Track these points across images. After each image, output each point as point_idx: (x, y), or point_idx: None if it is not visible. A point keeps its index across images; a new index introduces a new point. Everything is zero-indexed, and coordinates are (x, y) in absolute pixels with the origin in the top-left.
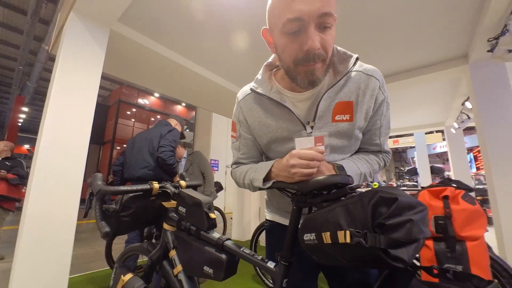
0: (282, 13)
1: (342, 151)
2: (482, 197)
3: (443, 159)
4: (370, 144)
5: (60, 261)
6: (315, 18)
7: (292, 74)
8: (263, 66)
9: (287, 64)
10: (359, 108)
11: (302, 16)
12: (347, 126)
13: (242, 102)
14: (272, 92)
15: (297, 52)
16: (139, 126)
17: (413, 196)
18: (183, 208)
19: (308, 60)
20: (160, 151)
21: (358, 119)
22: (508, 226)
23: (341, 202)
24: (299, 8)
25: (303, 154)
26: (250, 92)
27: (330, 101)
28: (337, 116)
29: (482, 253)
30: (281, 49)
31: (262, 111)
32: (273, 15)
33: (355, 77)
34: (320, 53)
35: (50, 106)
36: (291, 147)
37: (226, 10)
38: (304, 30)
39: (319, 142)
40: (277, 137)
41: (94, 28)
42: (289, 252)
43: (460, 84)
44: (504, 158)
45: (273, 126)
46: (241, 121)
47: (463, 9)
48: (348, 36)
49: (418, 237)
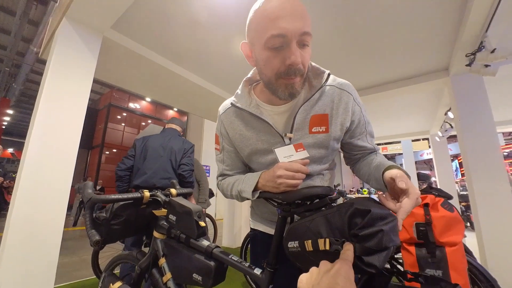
0: (267, 29)
1: (320, 161)
2: (466, 203)
3: (430, 166)
4: (365, 149)
5: (45, 270)
6: (297, 36)
7: (272, 87)
8: (243, 81)
9: (268, 77)
10: (334, 120)
11: (286, 33)
12: (323, 137)
13: (223, 116)
14: (251, 106)
15: (279, 66)
16: (129, 131)
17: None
18: (174, 216)
19: (290, 74)
20: (183, 169)
21: (333, 130)
22: (487, 230)
23: (321, 212)
24: (284, 26)
25: (289, 166)
26: (230, 106)
27: (306, 114)
28: (314, 128)
29: (460, 258)
30: (263, 63)
31: (242, 124)
32: (255, 30)
33: (329, 91)
34: (300, 68)
35: (39, 111)
36: (271, 158)
37: (218, 17)
38: (286, 46)
39: (299, 148)
40: (258, 149)
41: (87, 35)
42: (275, 259)
43: (442, 95)
44: (483, 165)
45: (253, 138)
46: (223, 134)
47: (443, 26)
48: (337, 49)
49: (388, 246)
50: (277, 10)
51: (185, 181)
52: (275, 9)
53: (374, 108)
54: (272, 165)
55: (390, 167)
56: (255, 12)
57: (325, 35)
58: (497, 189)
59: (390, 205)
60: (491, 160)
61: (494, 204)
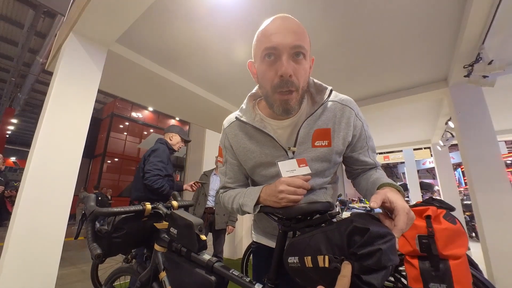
0: (262, 44)
1: (323, 174)
2: (471, 212)
3: (432, 174)
4: (366, 164)
5: (44, 281)
6: (288, 49)
7: (269, 101)
8: (248, 96)
9: (266, 90)
10: (336, 134)
11: (277, 46)
12: (326, 151)
13: (228, 129)
14: (255, 121)
15: (273, 77)
16: (131, 140)
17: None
18: (175, 230)
19: (282, 85)
20: (145, 178)
21: (335, 144)
22: (491, 241)
23: (321, 228)
24: (275, 40)
25: (291, 181)
26: (235, 120)
27: (309, 129)
28: (317, 142)
29: (464, 271)
30: (261, 76)
31: (246, 138)
32: (255, 47)
33: (331, 106)
34: (293, 80)
35: (44, 123)
36: (274, 171)
37: (221, 30)
38: (279, 58)
39: (302, 163)
40: (261, 162)
41: (93, 49)
42: (276, 274)
43: (443, 105)
44: (485, 174)
45: (257, 151)
46: (226, 147)
47: (441, 38)
48: (338, 61)
49: (387, 265)
50: (272, 28)
51: (153, 189)
52: (270, 27)
53: (375, 117)
54: (275, 177)
55: (383, 184)
56: (257, 34)
57: (325, 47)
58: (501, 199)
59: (387, 223)
60: (493, 169)
61: (498, 214)
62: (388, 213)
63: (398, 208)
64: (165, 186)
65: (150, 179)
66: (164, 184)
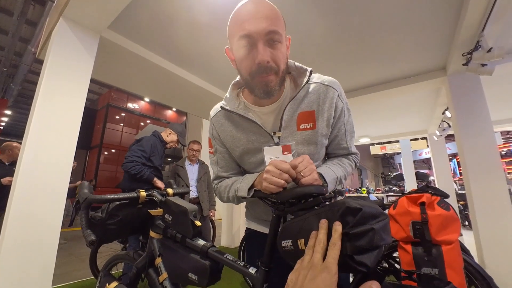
0: (236, 31)
1: (312, 158)
2: (464, 202)
3: (428, 165)
4: (339, 149)
5: (42, 271)
6: (263, 36)
7: (250, 86)
8: (231, 84)
9: (244, 77)
10: (320, 116)
11: (251, 33)
12: (311, 134)
13: (214, 119)
14: (239, 108)
15: (251, 65)
16: (128, 131)
17: (394, 202)
18: (170, 216)
19: (261, 71)
20: (122, 164)
21: (320, 126)
22: (484, 228)
23: (314, 211)
24: (249, 28)
25: (279, 164)
26: (220, 109)
27: (293, 112)
28: (302, 125)
29: (456, 256)
30: (239, 63)
31: (232, 126)
32: (231, 34)
33: (315, 88)
34: (271, 65)
35: (36, 112)
36: (261, 157)
37: (217, 17)
38: (254, 45)
39: (286, 150)
40: (248, 148)
41: (84, 35)
42: (269, 258)
43: (440, 94)
44: (480, 164)
45: (243, 139)
46: (215, 136)
47: (440, 26)
48: (335, 49)
49: (379, 244)
50: (243, 14)
51: (131, 175)
52: (241, 13)
53: (372, 107)
54: (262, 164)
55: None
56: (229, 20)
57: (322, 35)
58: (495, 188)
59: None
60: (488, 159)
61: (491, 203)
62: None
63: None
64: (144, 171)
65: (126, 165)
66: (143, 169)
